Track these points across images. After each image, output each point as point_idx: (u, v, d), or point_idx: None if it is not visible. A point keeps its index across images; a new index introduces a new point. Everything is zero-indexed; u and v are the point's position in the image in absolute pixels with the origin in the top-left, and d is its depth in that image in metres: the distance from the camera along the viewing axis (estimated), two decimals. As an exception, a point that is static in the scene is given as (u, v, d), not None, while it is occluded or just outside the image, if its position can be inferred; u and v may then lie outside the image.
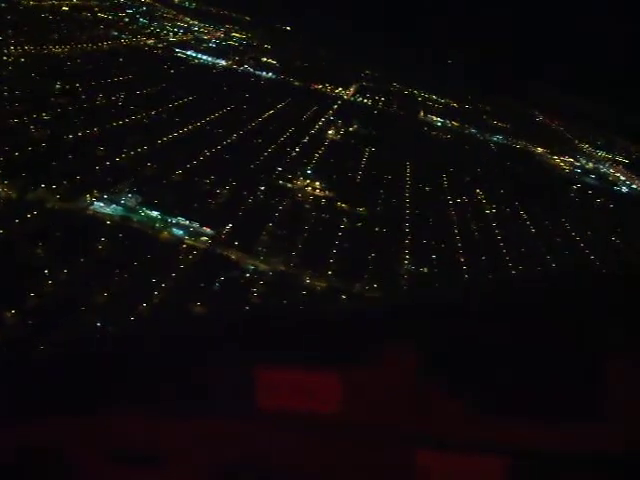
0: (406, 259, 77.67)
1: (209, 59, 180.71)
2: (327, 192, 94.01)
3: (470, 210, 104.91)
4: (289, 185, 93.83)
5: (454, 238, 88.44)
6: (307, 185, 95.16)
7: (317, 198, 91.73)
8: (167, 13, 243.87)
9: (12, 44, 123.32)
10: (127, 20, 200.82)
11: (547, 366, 3.49)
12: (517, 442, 3.60)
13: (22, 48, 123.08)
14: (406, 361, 3.76)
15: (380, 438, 3.84)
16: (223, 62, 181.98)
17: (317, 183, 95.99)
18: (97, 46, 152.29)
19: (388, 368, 3.80)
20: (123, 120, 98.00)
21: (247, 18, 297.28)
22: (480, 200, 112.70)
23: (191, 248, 65.99)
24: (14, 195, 62.96)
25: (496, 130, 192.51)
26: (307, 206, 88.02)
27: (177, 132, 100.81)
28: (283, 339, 4.14)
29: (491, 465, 3.65)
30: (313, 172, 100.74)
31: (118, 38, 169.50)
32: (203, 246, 67.49)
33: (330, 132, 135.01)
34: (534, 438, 3.55)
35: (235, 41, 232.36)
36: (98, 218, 65.25)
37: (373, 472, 3.83)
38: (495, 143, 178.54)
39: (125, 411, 4.39)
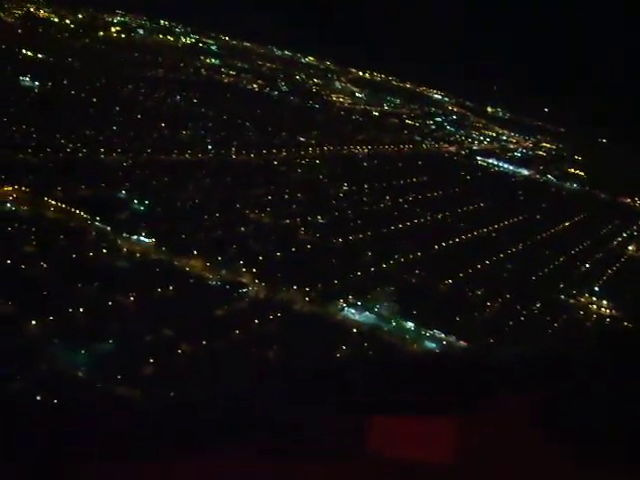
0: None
1: (511, 168, 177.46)
2: (614, 312, 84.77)
3: None
4: (571, 301, 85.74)
5: None
6: (592, 302, 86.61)
7: (601, 317, 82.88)
8: (477, 122, 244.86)
9: (314, 144, 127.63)
10: (433, 127, 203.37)
11: None
12: None
13: (322, 148, 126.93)
14: (518, 412, 3.89)
15: None
16: (525, 171, 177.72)
17: (604, 302, 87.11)
18: (397, 149, 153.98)
19: (500, 419, 3.89)
20: (403, 223, 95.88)
21: (561, 129, 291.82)
22: None
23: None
24: (262, 294, 61.51)
25: None
26: (587, 324, 79.47)
27: (458, 238, 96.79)
28: (399, 388, 4.55)
29: None
30: (602, 289, 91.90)
31: (420, 143, 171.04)
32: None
33: (630, 248, 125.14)
34: None
35: (543, 151, 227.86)
36: (346, 325, 61.87)
37: None
38: None
39: (230, 453, 4.94)
